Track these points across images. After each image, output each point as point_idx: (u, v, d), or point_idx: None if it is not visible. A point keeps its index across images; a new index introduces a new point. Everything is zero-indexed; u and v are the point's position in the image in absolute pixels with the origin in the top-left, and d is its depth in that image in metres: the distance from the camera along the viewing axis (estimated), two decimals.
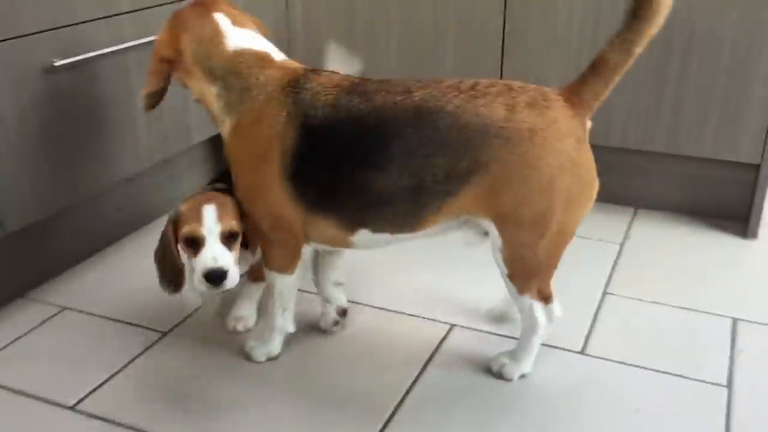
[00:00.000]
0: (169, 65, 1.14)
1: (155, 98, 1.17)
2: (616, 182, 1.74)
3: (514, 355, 1.16)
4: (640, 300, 1.37)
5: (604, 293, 1.40)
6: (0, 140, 1.22)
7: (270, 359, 1.20)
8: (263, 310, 1.30)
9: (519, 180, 1.01)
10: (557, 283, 1.40)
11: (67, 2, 1.29)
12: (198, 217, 1.06)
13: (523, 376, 1.16)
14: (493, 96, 1.02)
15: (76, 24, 1.32)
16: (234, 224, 1.07)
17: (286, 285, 1.16)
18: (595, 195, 1.07)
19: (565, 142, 1.01)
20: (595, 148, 1.71)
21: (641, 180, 1.72)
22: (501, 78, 1.69)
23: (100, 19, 1.36)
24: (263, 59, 1.11)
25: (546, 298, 1.12)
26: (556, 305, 1.13)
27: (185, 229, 1.06)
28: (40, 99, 1.27)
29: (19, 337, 1.27)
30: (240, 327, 1.28)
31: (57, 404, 1.11)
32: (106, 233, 1.57)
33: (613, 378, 1.16)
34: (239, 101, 1.10)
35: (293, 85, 1.08)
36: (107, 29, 1.38)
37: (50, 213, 1.34)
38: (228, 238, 1.07)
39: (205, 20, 1.13)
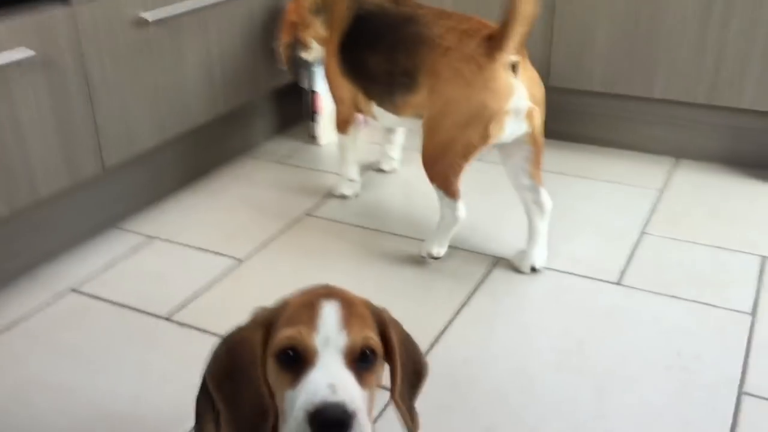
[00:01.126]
0: (293, 25, 1.62)
1: (289, 50, 1.65)
2: (658, 133, 1.83)
3: (430, 235, 1.40)
4: (675, 239, 1.48)
5: (642, 233, 1.51)
6: (100, 84, 1.38)
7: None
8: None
9: (432, 81, 1.30)
10: (599, 221, 1.51)
11: None
12: (309, 319, 0.65)
13: (433, 257, 1.39)
14: (447, 20, 1.32)
15: None
16: (370, 336, 0.66)
17: (345, 141, 1.62)
18: (488, 115, 1.25)
19: (463, 63, 1.26)
20: (637, 99, 1.82)
21: (683, 130, 1.80)
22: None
23: None
24: None
25: (450, 195, 1.34)
26: (459, 206, 1.35)
27: (284, 335, 0.64)
28: (132, 48, 1.43)
29: (116, 261, 1.45)
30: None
31: (153, 315, 1.29)
32: (184, 174, 1.73)
33: (645, 305, 1.28)
34: (331, 18, 1.54)
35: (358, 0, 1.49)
36: None
37: (142, 150, 1.51)
38: (358, 360, 0.65)
39: None
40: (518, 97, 1.25)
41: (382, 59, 1.39)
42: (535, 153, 1.31)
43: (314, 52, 1.64)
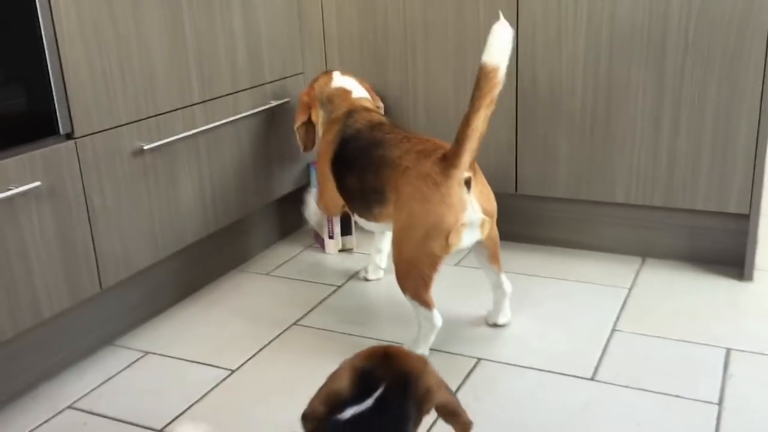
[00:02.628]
0: (306, 105, 1.84)
1: (303, 130, 1.87)
2: (624, 234, 1.94)
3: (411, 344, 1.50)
4: (645, 335, 1.56)
5: (613, 330, 1.59)
6: (101, 211, 1.49)
7: None
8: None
9: (395, 197, 1.46)
10: (572, 320, 1.61)
11: (151, 97, 1.57)
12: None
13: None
14: (406, 143, 1.49)
15: (159, 114, 1.60)
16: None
17: (319, 219, 1.92)
18: (446, 229, 1.38)
19: (420, 180, 1.40)
20: (601, 203, 1.94)
21: (647, 231, 1.92)
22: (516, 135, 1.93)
23: (177, 110, 1.65)
24: (346, 93, 1.81)
25: (424, 305, 1.44)
26: (434, 315, 1.45)
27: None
28: (130, 176, 1.55)
29: (112, 377, 1.50)
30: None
31: (148, 428, 1.33)
32: (178, 290, 1.81)
33: (618, 399, 1.35)
34: (329, 116, 1.78)
35: (348, 114, 1.71)
36: (182, 118, 1.66)
37: (137, 269, 1.60)
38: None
39: (326, 75, 1.87)
40: (472, 210, 1.41)
41: (355, 179, 1.57)
42: (493, 251, 1.54)
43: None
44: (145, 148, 1.55)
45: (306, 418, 0.89)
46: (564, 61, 1.82)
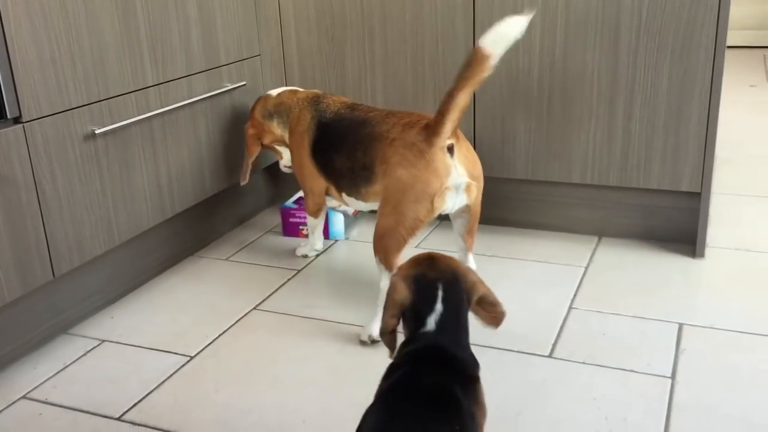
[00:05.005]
0: (254, 137, 1.88)
1: (255, 164, 1.91)
2: (581, 214, 1.97)
3: (369, 320, 1.53)
4: (601, 312, 1.59)
5: (570, 307, 1.62)
6: (52, 197, 1.45)
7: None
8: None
9: (384, 168, 1.49)
10: (530, 299, 1.63)
11: (102, 80, 1.54)
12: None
13: (374, 339, 1.49)
14: (392, 117, 1.53)
15: (111, 98, 1.57)
16: None
17: (316, 222, 1.86)
18: (431, 192, 1.43)
19: (406, 149, 1.45)
20: (559, 185, 1.97)
21: (602, 211, 1.95)
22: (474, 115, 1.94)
23: (129, 93, 1.61)
24: (293, 92, 1.83)
25: (390, 268, 1.47)
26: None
27: None
28: (81, 161, 1.51)
29: (66, 366, 1.47)
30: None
31: (105, 416, 1.31)
32: (134, 277, 1.79)
33: (575, 375, 1.37)
34: (287, 118, 1.80)
35: (314, 101, 1.74)
36: (135, 101, 1.63)
37: (92, 257, 1.57)
38: None
39: (260, 98, 1.89)
40: (456, 174, 1.45)
41: (345, 158, 1.60)
42: (471, 222, 1.55)
43: (286, 155, 1.91)
44: (97, 132, 1.52)
45: (384, 333, 0.98)
46: (521, 44, 1.83)
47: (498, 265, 1.83)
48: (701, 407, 1.27)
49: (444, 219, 1.93)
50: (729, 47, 4.51)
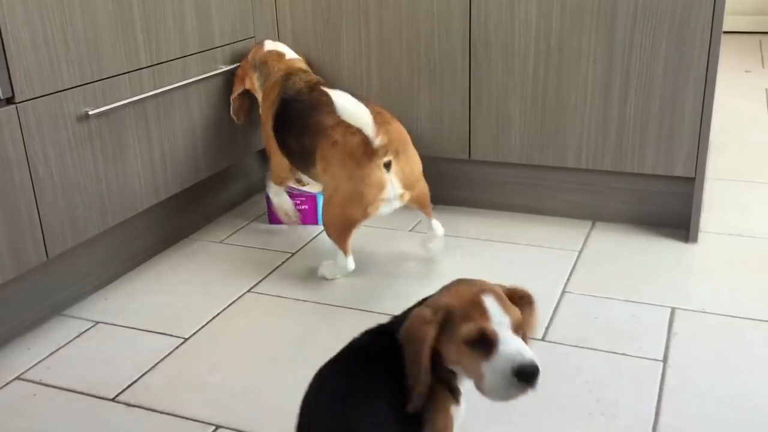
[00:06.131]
0: (241, 77, 1.91)
1: (238, 101, 1.93)
2: (575, 198, 1.98)
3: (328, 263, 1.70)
4: (594, 296, 1.60)
5: (563, 292, 1.62)
6: (45, 178, 1.45)
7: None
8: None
9: (324, 165, 1.61)
10: (524, 283, 1.61)
11: (96, 61, 1.53)
12: (483, 312, 0.90)
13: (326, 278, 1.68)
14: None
15: (104, 79, 1.56)
16: (518, 313, 0.93)
17: (276, 190, 1.91)
18: (365, 204, 1.57)
19: (345, 157, 1.55)
20: (553, 168, 1.97)
21: (597, 196, 1.95)
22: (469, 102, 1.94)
23: (123, 74, 1.60)
24: (279, 56, 1.89)
25: (341, 249, 1.64)
26: (348, 260, 1.65)
27: (474, 328, 0.89)
28: (75, 141, 1.51)
29: (61, 348, 1.48)
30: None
31: (99, 397, 1.32)
32: (128, 259, 1.78)
33: (568, 359, 1.38)
34: (264, 82, 1.85)
35: (286, 77, 1.80)
36: (129, 82, 1.62)
37: (85, 238, 1.57)
38: (517, 331, 0.92)
39: (258, 44, 1.95)
40: (391, 188, 1.58)
41: (295, 141, 1.70)
42: (420, 206, 1.70)
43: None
44: (90, 113, 1.51)
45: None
46: (517, 28, 1.82)
47: (492, 249, 1.84)
48: (692, 390, 1.28)
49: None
50: (725, 32, 4.49)
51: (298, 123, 1.69)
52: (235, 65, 1.95)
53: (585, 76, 1.81)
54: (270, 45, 1.93)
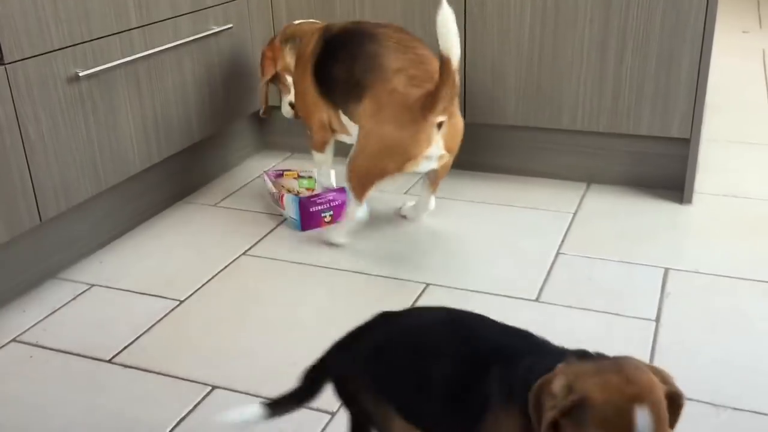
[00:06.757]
0: (271, 59, 1.83)
1: (266, 88, 1.87)
2: (570, 161, 1.97)
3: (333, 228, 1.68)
4: (588, 257, 1.60)
5: (558, 253, 1.63)
6: (36, 140, 1.43)
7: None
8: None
9: (373, 107, 1.51)
10: (519, 245, 1.63)
11: (85, 21, 1.50)
12: (628, 428, 0.68)
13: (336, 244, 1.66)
14: (401, 55, 1.53)
15: (94, 39, 1.53)
16: None
17: (322, 157, 1.80)
18: (407, 157, 1.50)
19: (401, 109, 1.47)
20: (548, 130, 1.96)
21: (592, 157, 1.95)
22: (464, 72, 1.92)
23: (113, 35, 1.58)
24: (312, 23, 1.80)
25: (357, 198, 1.59)
26: (360, 209, 1.60)
27: None
28: (66, 103, 1.49)
29: (56, 310, 1.48)
30: None
31: (96, 359, 1.32)
32: (122, 222, 1.78)
33: (561, 319, 1.39)
34: (299, 44, 1.75)
35: (326, 28, 1.70)
36: (120, 43, 1.60)
37: (78, 201, 1.56)
38: None
39: (288, 24, 1.85)
40: (436, 147, 1.51)
41: (344, 67, 1.58)
42: (437, 177, 1.67)
43: (288, 98, 1.86)
44: (81, 74, 1.49)
45: None
46: None
47: (487, 210, 1.84)
48: (684, 349, 1.29)
49: None
50: None
51: (349, 48, 1.58)
52: (226, 26, 1.92)
53: (581, 36, 1.79)
54: (297, 22, 1.85)
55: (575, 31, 1.79)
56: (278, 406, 0.97)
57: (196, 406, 1.20)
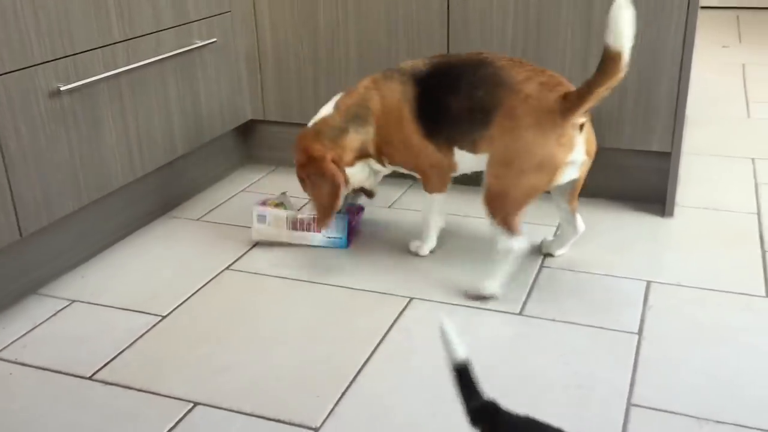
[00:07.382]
0: (338, 162, 1.60)
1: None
2: None
3: (488, 275, 1.50)
4: (571, 270, 1.61)
5: (541, 266, 1.63)
6: (17, 154, 1.42)
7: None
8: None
9: (508, 123, 1.42)
10: None
11: (67, 35, 1.50)
12: None
13: (491, 297, 1.50)
14: (520, 68, 1.46)
15: (76, 54, 1.53)
16: None
17: (441, 198, 1.65)
18: (556, 165, 1.42)
19: (542, 113, 1.40)
20: None
21: None
22: None
23: (95, 49, 1.57)
24: (348, 91, 1.63)
25: (511, 231, 1.46)
26: (519, 240, 1.47)
27: None
28: (47, 118, 1.48)
29: (37, 326, 1.46)
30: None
31: (76, 375, 1.31)
32: (105, 237, 1.77)
33: (545, 332, 1.39)
34: (367, 113, 1.58)
35: (386, 75, 1.59)
36: (102, 57, 1.59)
37: (60, 216, 1.54)
38: None
39: (317, 125, 1.63)
40: (578, 151, 1.45)
41: (463, 97, 1.48)
42: (576, 189, 1.57)
43: (356, 176, 1.64)
44: (62, 89, 1.48)
45: None
46: (495, 4, 1.81)
47: (470, 225, 1.84)
48: (667, 361, 1.30)
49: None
50: (702, 7, 4.51)
51: (465, 78, 1.48)
52: (210, 41, 1.92)
53: (563, 51, 1.81)
54: (324, 109, 1.64)
55: (557, 45, 1.81)
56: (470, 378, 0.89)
57: (177, 423, 1.18)
